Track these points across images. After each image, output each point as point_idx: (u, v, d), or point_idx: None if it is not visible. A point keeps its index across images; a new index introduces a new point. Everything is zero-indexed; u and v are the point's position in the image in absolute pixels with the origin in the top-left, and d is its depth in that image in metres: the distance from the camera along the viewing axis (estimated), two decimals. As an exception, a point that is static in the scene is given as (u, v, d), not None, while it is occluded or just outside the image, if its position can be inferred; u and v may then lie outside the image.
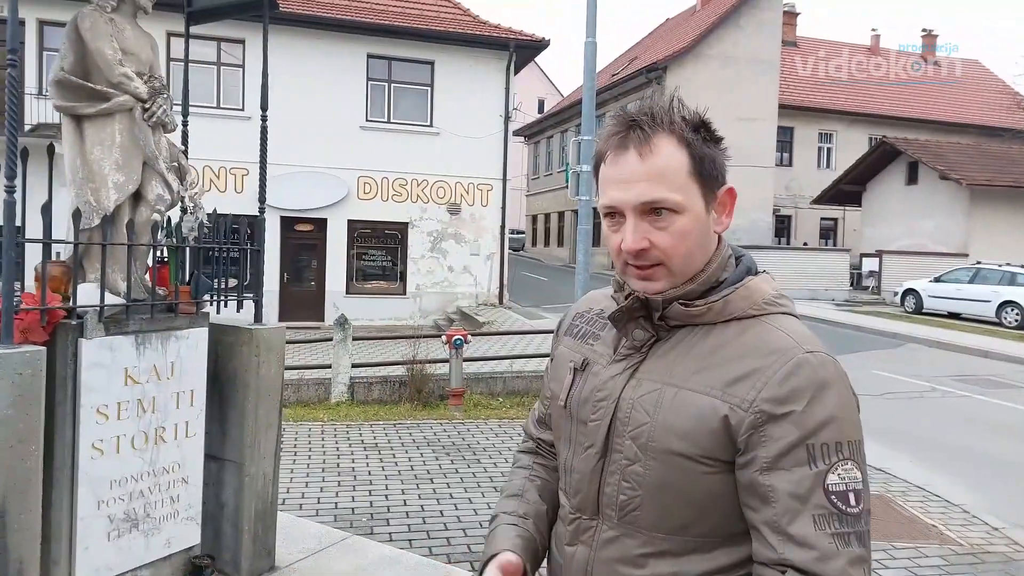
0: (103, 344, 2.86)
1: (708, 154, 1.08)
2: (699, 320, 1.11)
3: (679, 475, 1.05)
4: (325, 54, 16.02)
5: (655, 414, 1.07)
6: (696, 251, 1.10)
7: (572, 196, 8.69)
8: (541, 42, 17.38)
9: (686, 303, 1.10)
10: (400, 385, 8.60)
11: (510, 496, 1.33)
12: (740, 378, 1.03)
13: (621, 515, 1.11)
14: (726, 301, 1.10)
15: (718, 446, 1.03)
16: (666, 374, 1.09)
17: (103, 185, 2.91)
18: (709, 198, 1.10)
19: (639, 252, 1.08)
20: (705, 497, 1.05)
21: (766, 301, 1.11)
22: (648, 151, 1.06)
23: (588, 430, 1.15)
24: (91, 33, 2.82)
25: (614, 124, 1.11)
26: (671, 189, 1.06)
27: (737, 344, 1.07)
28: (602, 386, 1.15)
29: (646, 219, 1.08)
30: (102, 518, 2.96)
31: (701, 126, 1.09)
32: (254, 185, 15.82)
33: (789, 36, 30.97)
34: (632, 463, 1.09)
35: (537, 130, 36.82)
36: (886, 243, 23.57)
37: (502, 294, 17.57)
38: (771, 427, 1.00)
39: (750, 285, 1.12)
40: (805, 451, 0.99)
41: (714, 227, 1.12)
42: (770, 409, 1.00)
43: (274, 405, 3.52)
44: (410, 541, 4.41)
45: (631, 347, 1.15)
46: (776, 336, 1.06)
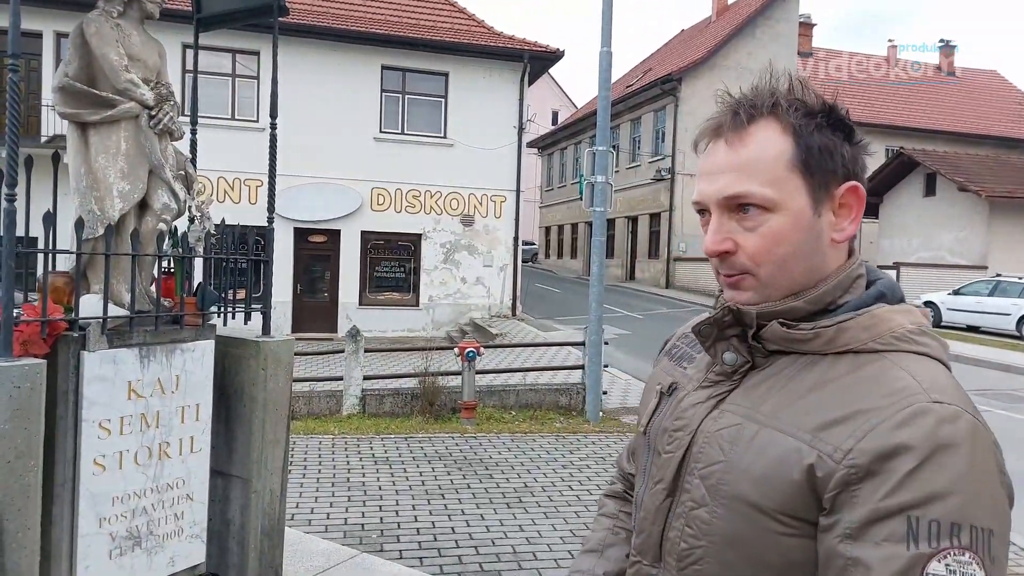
0: (106, 357, 2.79)
1: (822, 143, 0.90)
2: (804, 347, 0.91)
3: (750, 530, 0.86)
4: (339, 65, 16.08)
5: (730, 453, 0.89)
6: (795, 260, 0.91)
7: (586, 207, 8.59)
8: (555, 53, 17.36)
9: (788, 323, 0.91)
10: (412, 398, 8.51)
11: (589, 552, 1.18)
12: (838, 421, 0.82)
13: (681, 566, 0.94)
14: (840, 328, 0.89)
15: (799, 502, 0.83)
16: (753, 408, 0.91)
17: (108, 194, 2.85)
18: (820, 196, 0.91)
19: (721, 255, 0.93)
20: (780, 562, 0.85)
21: (895, 335, 0.88)
22: (739, 140, 0.91)
23: (661, 463, 1.00)
24: (97, 39, 2.76)
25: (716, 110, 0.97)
26: (761, 182, 0.90)
27: (846, 380, 0.86)
28: (682, 414, 0.99)
29: (733, 217, 0.92)
30: (104, 536, 2.87)
31: (822, 111, 0.92)
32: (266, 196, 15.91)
33: (805, 47, 30.82)
34: (698, 507, 0.92)
35: (551, 142, 36.83)
36: (904, 255, 23.28)
37: (515, 306, 17.47)
38: (865, 486, 0.78)
39: (877, 313, 0.90)
40: (905, 524, 0.76)
41: (830, 233, 0.92)
42: (868, 464, 0.78)
43: (282, 419, 3.43)
44: (421, 559, 4.30)
45: (722, 373, 0.97)
46: (898, 376, 0.84)
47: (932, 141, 28.59)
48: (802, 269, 0.92)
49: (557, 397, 8.91)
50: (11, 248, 2.43)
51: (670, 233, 26.09)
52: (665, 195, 26.27)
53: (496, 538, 4.68)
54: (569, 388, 9.00)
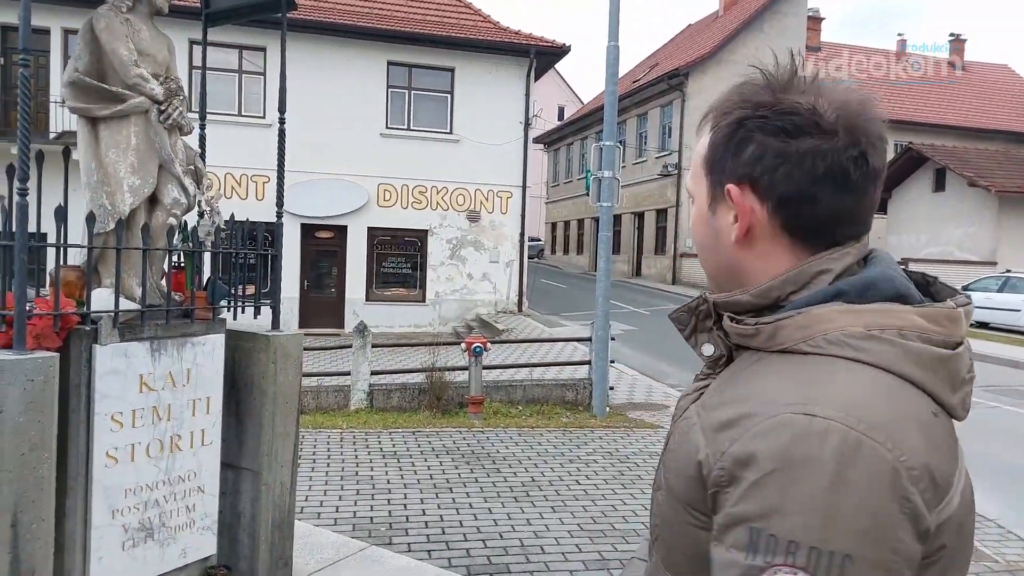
0: (118, 350, 2.81)
1: (726, 140, 0.89)
2: (749, 343, 0.89)
3: (673, 517, 0.89)
4: (345, 61, 16.09)
5: (673, 443, 0.93)
6: (704, 252, 0.96)
7: (593, 202, 8.58)
8: (562, 48, 17.32)
9: (734, 317, 0.90)
10: (419, 392, 8.53)
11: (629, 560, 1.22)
12: (730, 422, 0.81)
13: (652, 542, 1.00)
14: (778, 326, 0.85)
15: (696, 496, 0.84)
16: (705, 401, 0.91)
17: (118, 188, 2.87)
18: (715, 194, 0.91)
19: None
20: (693, 552, 0.86)
21: (828, 339, 0.81)
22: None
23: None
24: (106, 34, 2.78)
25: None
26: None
27: (752, 381, 0.85)
28: (679, 405, 1.02)
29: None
30: (116, 527, 2.90)
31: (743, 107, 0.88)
32: (275, 192, 15.97)
33: (813, 41, 30.64)
34: (657, 489, 0.97)
35: (557, 137, 36.78)
36: (912, 251, 23.16)
37: (521, 302, 17.48)
38: (728, 490, 0.78)
39: (817, 313, 0.83)
40: (747, 533, 0.74)
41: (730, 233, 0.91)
42: (731, 468, 0.78)
43: (291, 413, 3.45)
44: (429, 552, 4.32)
45: (709, 367, 0.97)
46: (789, 382, 0.80)
47: (942, 136, 28.41)
48: (713, 263, 0.94)
49: (563, 392, 8.92)
50: (24, 242, 2.45)
51: (677, 229, 26.03)
52: (672, 191, 26.21)
53: (504, 531, 4.70)
54: (575, 383, 9.01)
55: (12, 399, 2.40)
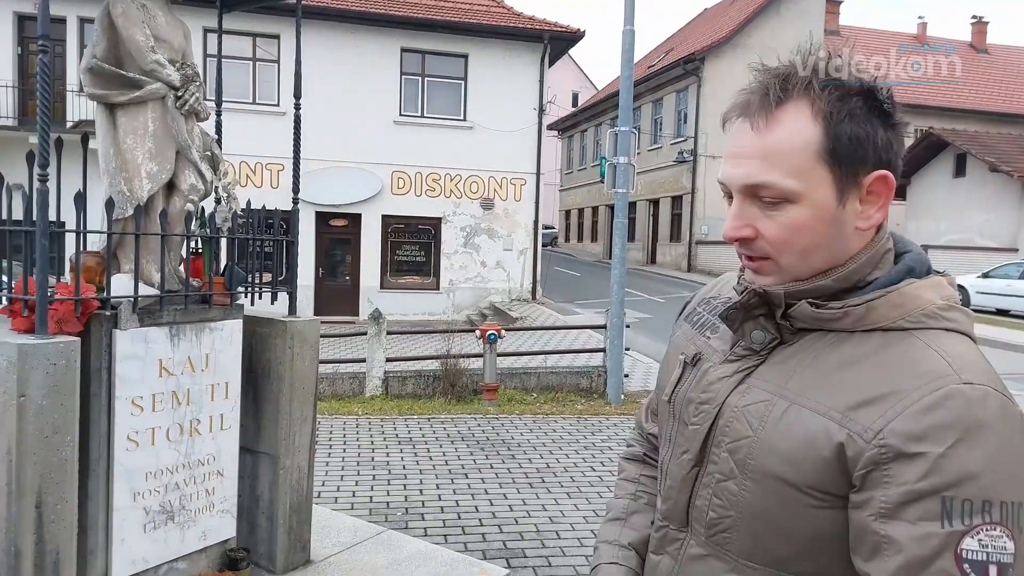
0: (137, 335, 2.84)
1: (853, 131, 0.87)
2: (832, 326, 0.91)
3: (779, 504, 0.89)
4: (358, 49, 16.07)
5: (759, 429, 0.91)
6: (816, 250, 0.91)
7: (608, 189, 8.54)
8: (576, 33, 17.18)
9: (817, 303, 0.91)
10: (434, 379, 8.56)
11: (613, 520, 1.20)
12: (868, 401, 0.83)
13: (710, 534, 0.97)
14: (870, 307, 0.88)
15: (828, 478, 0.85)
16: (781, 384, 0.91)
17: (136, 174, 2.88)
18: (846, 186, 0.88)
19: (741, 240, 0.94)
20: (808, 533, 0.88)
21: (925, 312, 0.88)
22: (765, 123, 0.89)
23: (688, 433, 1.02)
24: (123, 19, 2.79)
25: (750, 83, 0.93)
26: (785, 173, 0.88)
27: (875, 360, 0.86)
28: (708, 387, 1.00)
29: (755, 203, 0.91)
30: (138, 510, 2.94)
31: (858, 93, 0.88)
32: (289, 180, 16.01)
33: (831, 24, 30.17)
34: (726, 479, 0.94)
35: (571, 124, 36.57)
36: (932, 238, 22.85)
37: (535, 289, 17.47)
38: (898, 467, 0.80)
39: (906, 290, 0.89)
40: (940, 504, 0.78)
41: (856, 222, 0.90)
42: (899, 445, 0.80)
43: (308, 398, 3.47)
44: (445, 537, 4.35)
45: (748, 348, 0.98)
46: (927, 356, 0.85)
47: (963, 120, 27.92)
48: (824, 257, 0.91)
49: (578, 380, 8.92)
50: (45, 227, 2.47)
51: (692, 216, 25.86)
52: (687, 177, 26.02)
53: (519, 517, 4.72)
54: (590, 371, 9.00)
55: (35, 383, 2.43)
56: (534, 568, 3.99)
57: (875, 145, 0.88)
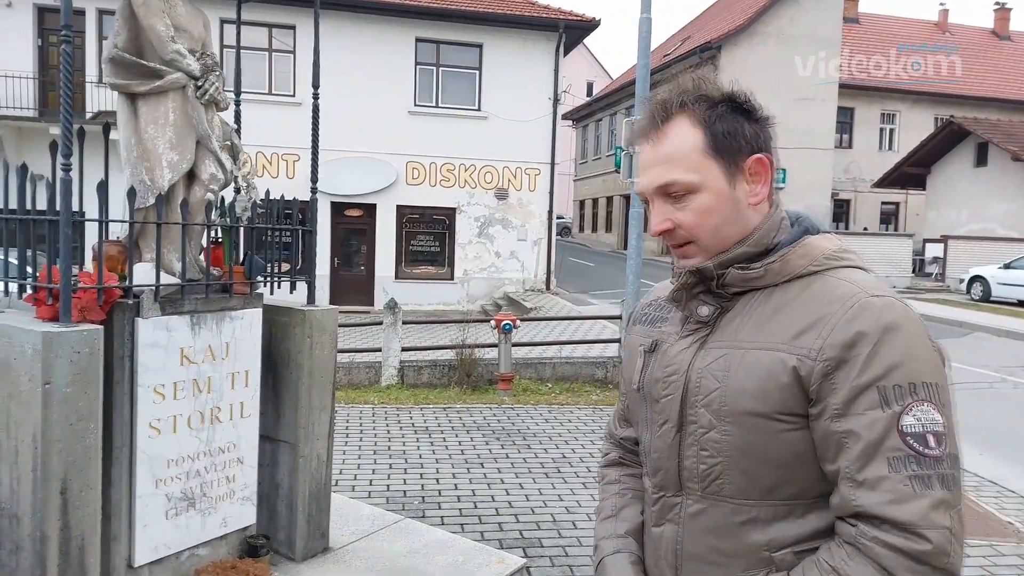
0: (159, 324, 2.86)
1: (726, 128, 1.08)
2: (759, 283, 1.11)
3: (757, 436, 1.04)
4: (373, 39, 16.04)
5: (724, 379, 1.07)
6: (724, 226, 1.11)
7: (624, 178, 8.49)
8: (591, 22, 17.06)
9: (743, 267, 1.10)
10: (449, 369, 8.59)
11: (605, 519, 1.32)
12: (805, 329, 1.02)
13: (704, 486, 1.10)
14: (784, 260, 1.10)
15: (792, 400, 1.01)
16: (732, 339, 1.09)
17: (157, 164, 2.90)
18: (732, 171, 1.09)
19: (666, 232, 1.12)
20: (787, 456, 1.03)
21: (827, 256, 1.10)
22: (658, 137, 1.10)
23: (661, 407, 1.16)
24: (144, 9, 2.80)
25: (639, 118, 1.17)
26: (683, 170, 1.09)
27: (800, 299, 1.06)
28: (671, 361, 1.16)
29: (668, 201, 1.11)
30: (160, 496, 2.97)
31: (722, 101, 1.10)
32: (305, 170, 15.94)
33: (850, 12, 29.73)
34: (708, 431, 1.08)
35: (585, 113, 36.37)
36: (952, 228, 22.57)
37: (549, 280, 17.44)
38: (840, 372, 0.98)
39: (807, 242, 1.11)
40: (876, 393, 0.96)
41: (748, 199, 1.11)
42: (838, 355, 0.98)
43: (327, 386, 3.49)
44: (462, 525, 4.37)
45: (698, 322, 1.15)
46: (839, 285, 1.05)
47: (984, 108, 27.48)
48: (731, 232, 1.11)
49: (593, 370, 8.91)
50: (68, 216, 2.49)
51: (707, 206, 25.66)
52: (702, 167, 25.79)
53: (536, 507, 4.73)
54: (605, 361, 8.99)
55: (60, 371, 2.46)
56: (551, 558, 3.99)
57: (745, 136, 1.09)
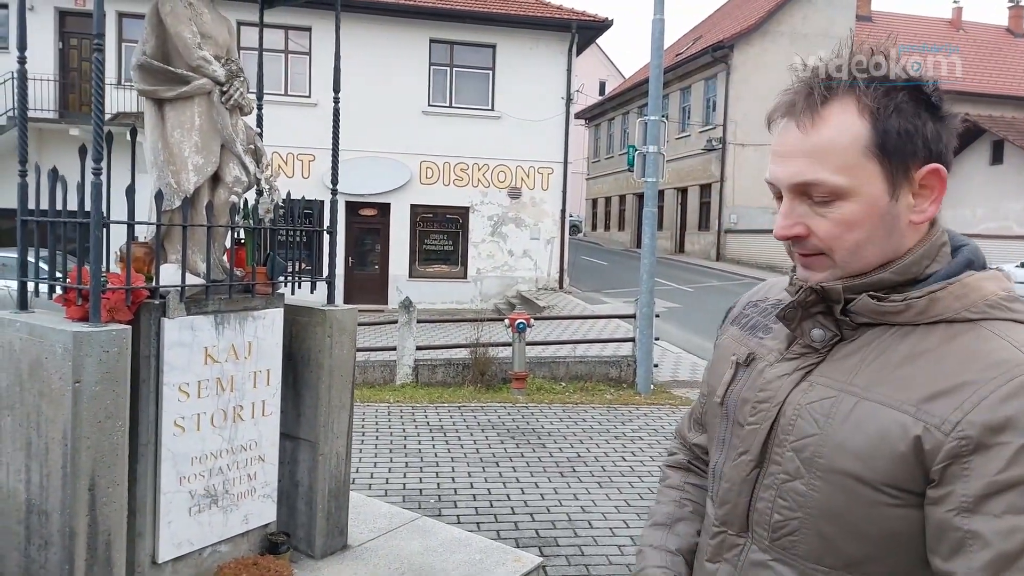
0: (184, 324, 2.92)
1: (901, 126, 0.87)
2: (895, 319, 0.90)
3: (850, 502, 0.87)
4: (387, 39, 16.12)
5: (826, 426, 0.89)
6: (869, 244, 0.90)
7: (637, 178, 8.51)
8: (604, 22, 17.06)
9: (878, 296, 0.91)
10: (463, 368, 8.64)
11: (657, 526, 1.19)
12: (942, 393, 0.83)
13: (774, 537, 0.95)
14: (932, 299, 0.89)
15: (904, 474, 0.83)
16: (846, 380, 0.90)
17: (183, 167, 2.96)
18: (898, 180, 0.88)
19: (793, 239, 0.93)
20: (881, 533, 0.86)
21: (988, 303, 0.88)
22: (811, 123, 0.89)
23: (744, 434, 1.00)
24: (171, 18, 2.85)
25: (791, 85, 0.94)
26: (833, 169, 0.88)
27: (942, 352, 0.86)
28: (766, 386, 0.98)
29: (804, 201, 0.91)
30: (184, 493, 3.03)
31: (904, 88, 0.88)
32: (319, 170, 16.09)
33: (863, 10, 29.50)
34: (792, 479, 0.92)
35: (598, 112, 36.34)
36: (968, 226, 22.36)
37: (562, 278, 17.46)
38: (979, 459, 0.79)
39: (968, 281, 0.89)
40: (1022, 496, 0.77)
41: (910, 216, 0.90)
42: (979, 436, 0.79)
43: (346, 385, 3.54)
44: (478, 524, 4.41)
45: (807, 346, 0.97)
46: (998, 346, 0.84)
47: (1000, 106, 27.18)
48: (877, 252, 0.91)
49: (607, 369, 8.93)
50: (99, 219, 2.55)
51: (721, 205, 25.59)
52: (716, 166, 25.74)
53: (551, 506, 4.76)
54: (619, 360, 9.01)
55: (89, 369, 2.52)
56: (567, 556, 4.03)
57: (924, 138, 0.88)
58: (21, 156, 2.80)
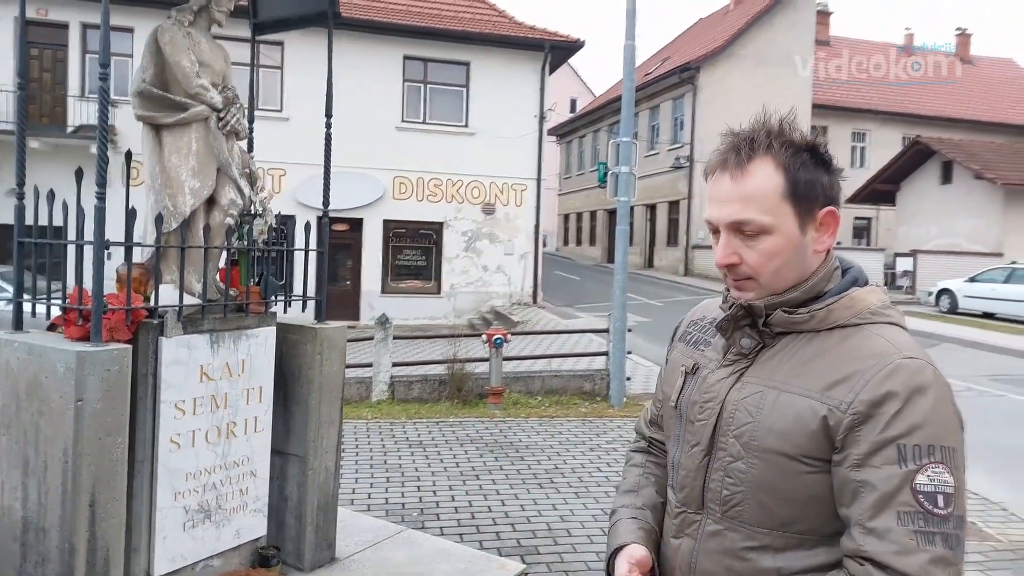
0: (181, 342, 3.00)
1: (806, 178, 1.13)
2: (802, 327, 1.15)
3: (779, 473, 1.10)
4: (362, 56, 16.21)
5: (757, 415, 1.13)
6: (786, 269, 1.15)
7: (610, 197, 8.73)
8: (576, 43, 17.40)
9: (789, 310, 1.16)
10: (440, 384, 8.72)
11: (626, 492, 1.41)
12: (839, 381, 1.08)
13: (725, 510, 1.17)
14: (829, 310, 1.14)
15: (816, 445, 1.08)
16: (769, 378, 1.15)
17: (180, 191, 3.05)
18: (805, 219, 1.14)
19: (729, 266, 1.17)
20: (804, 495, 1.10)
21: (870, 311, 1.15)
22: (741, 175, 1.14)
23: (695, 429, 1.22)
24: (171, 47, 2.96)
25: (722, 144, 1.19)
26: (759, 211, 1.12)
27: (838, 350, 1.11)
28: (709, 388, 1.22)
29: (737, 236, 1.15)
30: (178, 509, 3.09)
31: (806, 149, 1.14)
32: (291, 184, 16.03)
33: (822, 35, 30.53)
34: (735, 460, 1.15)
35: (569, 129, 36.81)
36: (921, 242, 23.18)
37: (536, 293, 17.64)
38: (865, 427, 1.04)
39: (854, 295, 1.16)
40: (896, 450, 1.02)
41: (813, 247, 1.16)
42: (866, 410, 1.04)
43: (336, 401, 3.64)
44: (461, 535, 4.51)
45: (738, 353, 1.21)
46: (877, 342, 1.10)
47: (949, 129, 28.32)
48: (792, 275, 1.16)
49: (581, 383, 9.10)
50: (101, 242, 2.63)
51: (689, 221, 26.10)
52: (684, 183, 26.26)
53: (531, 516, 4.89)
54: (593, 374, 9.18)
55: (91, 388, 2.59)
56: (548, 564, 4.15)
57: (822, 187, 1.14)
58: (19, 179, 2.86)
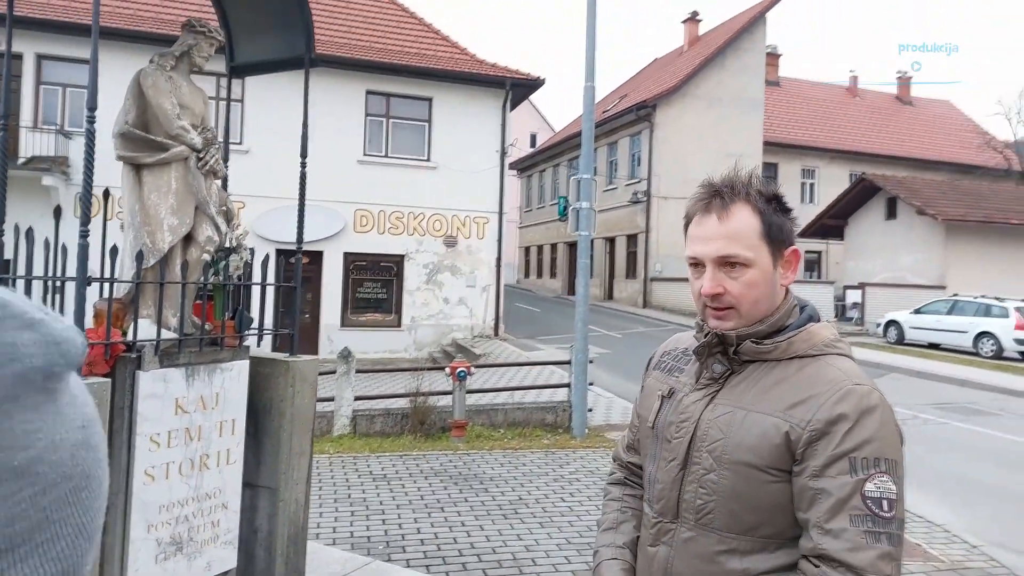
0: (157, 376, 3.06)
1: (777, 221, 1.32)
2: (767, 356, 1.32)
3: (747, 483, 1.26)
4: (325, 90, 16.33)
5: (728, 432, 1.29)
6: (763, 299, 1.32)
7: (571, 231, 8.98)
8: (536, 80, 17.87)
9: (756, 341, 1.32)
10: (402, 417, 8.74)
11: (607, 530, 1.53)
12: (799, 403, 1.25)
13: (698, 517, 1.31)
14: (790, 342, 1.32)
15: (779, 458, 1.24)
16: (737, 400, 1.31)
17: (159, 228, 3.14)
18: (776, 257, 1.32)
19: (715, 296, 1.32)
20: (769, 503, 1.25)
21: (825, 344, 1.33)
22: (726, 216, 1.30)
23: (671, 446, 1.37)
24: (153, 90, 3.07)
25: (701, 191, 1.36)
26: (743, 247, 1.29)
27: (797, 377, 1.29)
28: (685, 410, 1.37)
29: (722, 270, 1.31)
30: (151, 541, 3.12)
31: (773, 198, 1.33)
32: (250, 217, 15.94)
33: (772, 76, 31.89)
34: (708, 472, 1.30)
35: (529, 164, 37.41)
36: (868, 276, 24.07)
37: (498, 326, 17.76)
38: (822, 442, 1.20)
39: (811, 329, 1.34)
40: (848, 462, 1.18)
41: (780, 281, 1.35)
42: (822, 427, 1.21)
43: (307, 433, 3.70)
44: (427, 567, 4.56)
45: (710, 378, 1.37)
46: (831, 371, 1.28)
47: (892, 166, 29.72)
48: (765, 305, 1.32)
49: (544, 415, 9.21)
50: (83, 279, 2.71)
51: (647, 254, 26.67)
52: (641, 217, 26.89)
53: (496, 547, 4.97)
54: (555, 406, 9.31)
55: (70, 421, 2.64)
56: (514, 593, 4.24)
57: (787, 230, 1.34)
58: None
